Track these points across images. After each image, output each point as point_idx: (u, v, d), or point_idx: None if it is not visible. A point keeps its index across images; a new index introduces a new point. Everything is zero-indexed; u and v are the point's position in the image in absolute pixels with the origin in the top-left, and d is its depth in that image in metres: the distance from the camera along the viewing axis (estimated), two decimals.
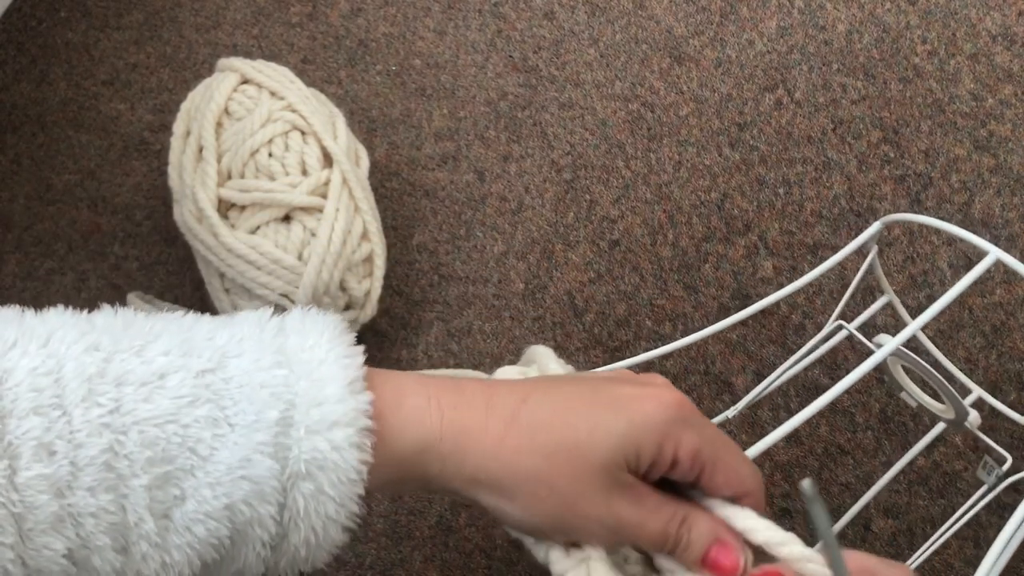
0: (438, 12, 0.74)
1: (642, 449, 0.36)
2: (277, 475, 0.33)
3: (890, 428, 0.60)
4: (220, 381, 0.33)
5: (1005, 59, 0.70)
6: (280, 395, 0.34)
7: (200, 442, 0.32)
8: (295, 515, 0.34)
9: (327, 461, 0.34)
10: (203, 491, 0.33)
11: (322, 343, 0.36)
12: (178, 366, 0.33)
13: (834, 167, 0.68)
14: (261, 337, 0.35)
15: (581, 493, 0.36)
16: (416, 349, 0.63)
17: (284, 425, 0.33)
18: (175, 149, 0.60)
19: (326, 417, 0.34)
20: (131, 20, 0.74)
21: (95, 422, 0.31)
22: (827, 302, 0.64)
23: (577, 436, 0.36)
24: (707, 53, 0.72)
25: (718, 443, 0.37)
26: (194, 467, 0.32)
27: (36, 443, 0.31)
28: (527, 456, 0.36)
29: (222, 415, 0.33)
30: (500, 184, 0.68)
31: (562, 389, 0.38)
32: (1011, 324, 0.63)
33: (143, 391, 0.32)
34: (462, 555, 0.57)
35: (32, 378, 0.31)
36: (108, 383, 0.32)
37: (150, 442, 0.32)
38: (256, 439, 0.33)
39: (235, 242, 0.56)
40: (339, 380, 0.35)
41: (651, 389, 0.37)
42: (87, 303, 0.66)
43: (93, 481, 0.31)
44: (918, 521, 0.58)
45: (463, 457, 0.36)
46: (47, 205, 0.67)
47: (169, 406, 0.32)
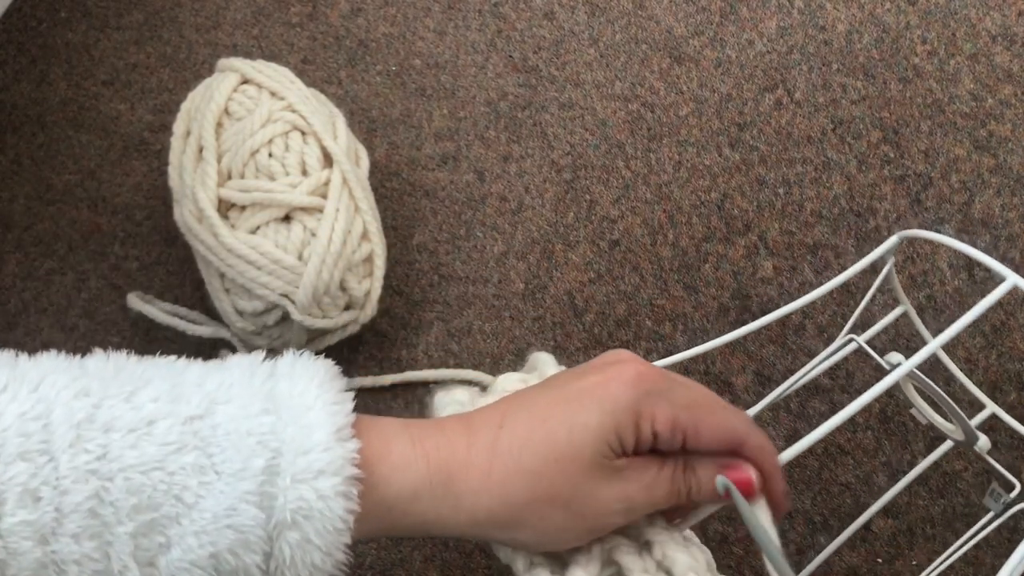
0: (438, 12, 0.74)
1: (622, 433, 0.36)
2: (263, 524, 0.33)
3: (890, 428, 0.60)
4: (208, 428, 0.33)
5: (1005, 59, 0.70)
6: (267, 443, 0.33)
7: (186, 489, 0.32)
8: (281, 564, 0.34)
9: (313, 510, 0.33)
10: (188, 539, 0.32)
11: (311, 388, 0.35)
12: (166, 412, 0.33)
13: (834, 167, 0.68)
14: (251, 382, 0.35)
15: (584, 495, 0.36)
16: (416, 349, 0.63)
17: (270, 474, 0.33)
18: (175, 149, 0.60)
19: (312, 466, 0.34)
20: (131, 20, 0.74)
21: (82, 468, 0.31)
22: (827, 302, 0.64)
23: (559, 446, 0.36)
24: (707, 53, 0.72)
25: (693, 406, 0.37)
26: (179, 515, 0.32)
27: (22, 489, 0.31)
28: (518, 481, 0.36)
29: (209, 462, 0.33)
30: (500, 184, 0.68)
31: (533, 401, 0.38)
32: (1011, 324, 0.63)
33: (130, 438, 0.32)
34: (462, 555, 0.57)
35: (21, 423, 0.31)
36: (96, 429, 0.32)
37: (136, 489, 0.32)
38: (242, 488, 0.33)
39: (235, 242, 0.56)
40: (326, 427, 0.34)
41: (612, 370, 0.37)
42: (87, 303, 0.66)
43: (77, 528, 0.31)
44: (918, 521, 0.58)
45: (456, 501, 0.36)
46: (47, 205, 0.67)
47: (156, 453, 0.32)
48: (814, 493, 0.59)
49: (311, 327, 0.58)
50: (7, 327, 0.64)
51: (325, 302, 0.58)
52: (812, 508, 0.58)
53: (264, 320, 0.59)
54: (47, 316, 0.64)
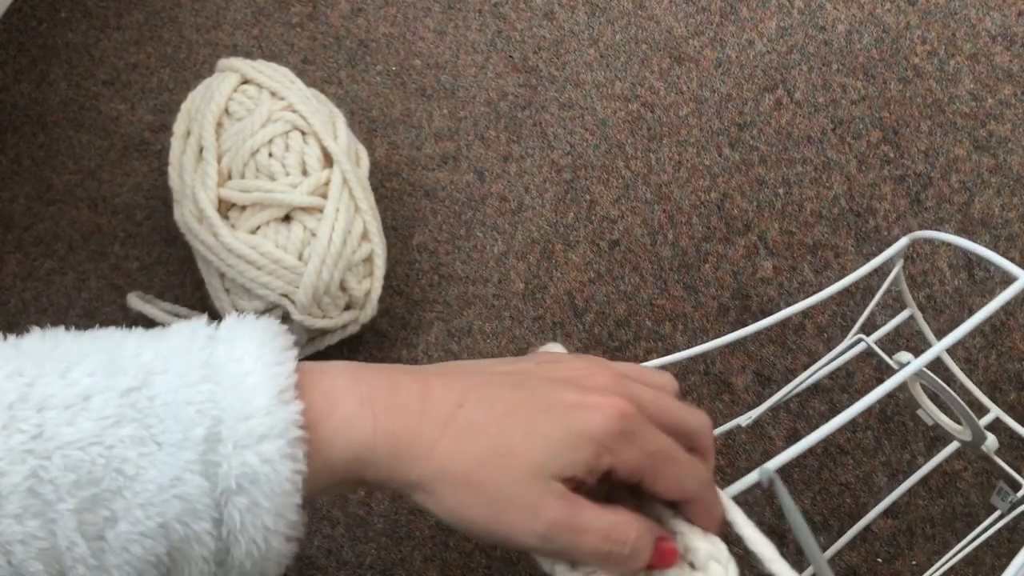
0: (438, 12, 0.74)
1: (577, 460, 0.35)
2: (208, 492, 0.33)
3: (890, 428, 0.60)
4: (145, 400, 0.33)
5: (1005, 59, 0.70)
6: (206, 411, 0.33)
7: (126, 462, 0.32)
8: (233, 529, 0.34)
9: (258, 475, 0.33)
10: (135, 511, 0.32)
11: (251, 350, 0.35)
12: (103, 386, 0.33)
13: (834, 167, 0.68)
14: (189, 349, 0.35)
15: (509, 500, 0.35)
16: (416, 349, 0.63)
17: (212, 442, 0.33)
18: (175, 149, 0.60)
19: (254, 431, 0.33)
20: (131, 20, 0.74)
21: (17, 449, 0.31)
22: (827, 302, 0.64)
23: (512, 442, 0.35)
24: (707, 53, 0.72)
25: (659, 456, 0.36)
26: (122, 488, 0.32)
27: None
28: (458, 460, 0.35)
29: (148, 434, 0.33)
30: (500, 184, 0.68)
31: (502, 392, 0.37)
32: (1011, 324, 0.63)
33: (66, 414, 0.32)
34: (462, 555, 0.57)
35: None
36: (30, 408, 0.32)
37: (74, 465, 0.31)
38: (184, 458, 0.33)
39: (235, 242, 0.56)
40: (267, 391, 0.34)
41: (594, 398, 0.36)
42: (87, 303, 0.66)
43: (18, 508, 0.31)
44: (918, 521, 0.58)
45: (395, 463, 0.36)
46: (47, 205, 0.67)
47: (93, 428, 0.32)
48: (814, 493, 0.59)
49: (311, 327, 0.58)
50: (7, 327, 0.64)
51: (325, 302, 0.58)
52: (812, 508, 0.58)
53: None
54: (47, 316, 0.64)
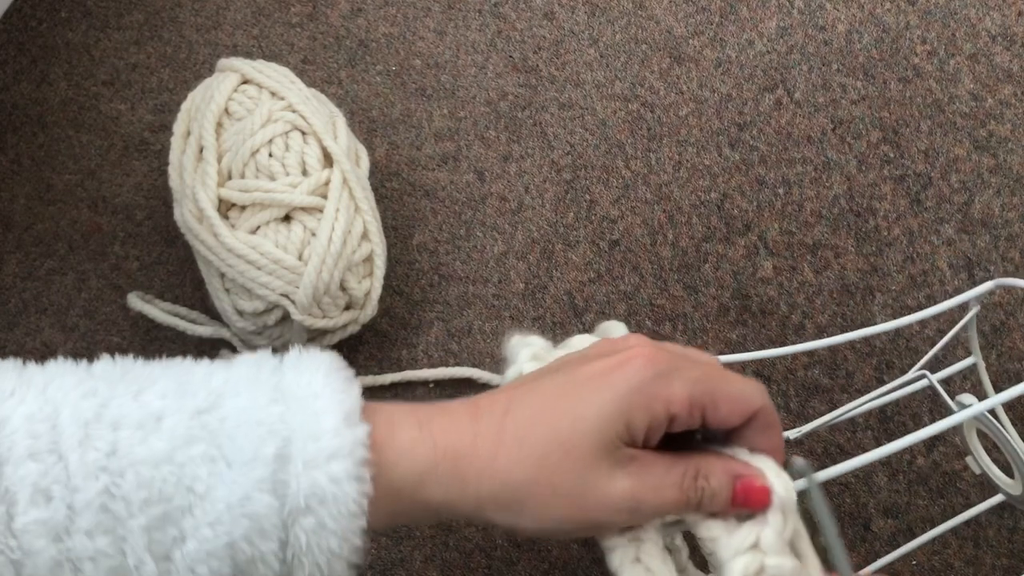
0: (438, 12, 0.74)
1: (632, 419, 0.35)
2: (277, 511, 0.33)
3: (890, 428, 0.60)
4: (216, 420, 0.33)
5: (1005, 59, 0.70)
6: (276, 431, 0.34)
7: (197, 480, 0.32)
8: (298, 551, 0.34)
9: (326, 495, 0.33)
10: (203, 530, 0.32)
11: (318, 378, 0.35)
12: (174, 408, 0.33)
13: (834, 167, 0.68)
14: (258, 376, 0.35)
15: (585, 487, 0.35)
16: (416, 349, 0.63)
17: (282, 461, 0.33)
18: (175, 149, 0.60)
19: (323, 451, 0.34)
20: (131, 20, 0.74)
21: (91, 465, 0.31)
22: (827, 302, 0.64)
23: (562, 434, 0.35)
24: (707, 53, 0.72)
25: (707, 380, 0.36)
26: (192, 505, 0.32)
27: (33, 488, 0.31)
28: (520, 467, 0.35)
29: (219, 453, 0.33)
30: (500, 184, 0.68)
31: (541, 387, 0.37)
32: (1011, 324, 0.63)
33: (139, 434, 0.32)
34: (462, 555, 0.57)
35: (29, 424, 0.32)
36: (104, 427, 0.32)
37: (146, 483, 0.32)
38: (254, 476, 0.33)
39: (235, 242, 0.56)
40: (335, 413, 0.34)
41: (620, 356, 0.36)
42: (87, 303, 0.66)
43: (90, 524, 0.31)
44: (918, 521, 0.58)
45: (462, 484, 0.36)
46: (47, 205, 0.67)
47: (164, 447, 0.32)
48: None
49: (311, 327, 0.58)
50: (7, 327, 0.64)
51: (325, 302, 0.58)
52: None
53: (264, 320, 0.59)
54: (47, 316, 0.64)
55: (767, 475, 0.36)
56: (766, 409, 0.37)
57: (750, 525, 0.35)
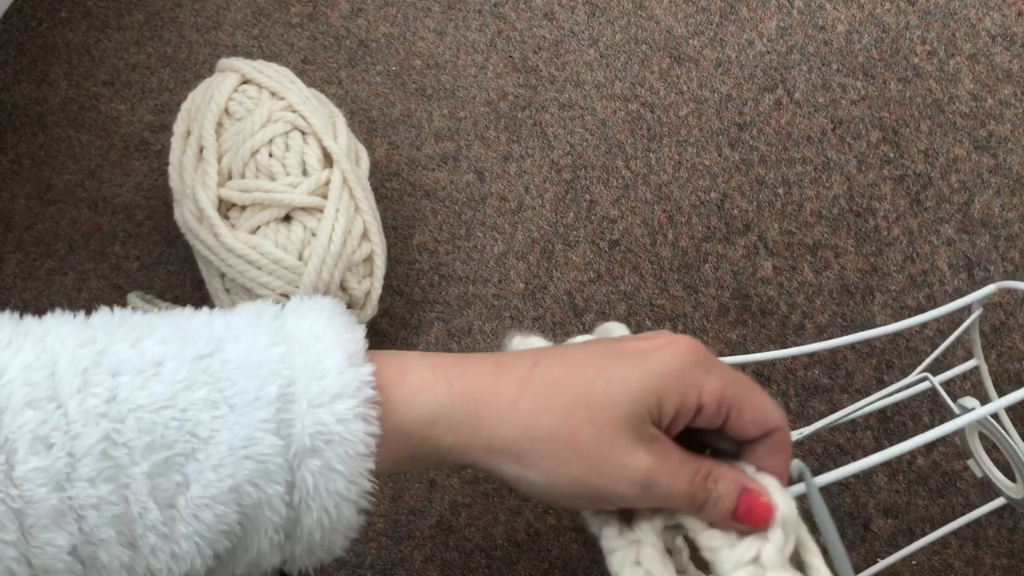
0: (438, 12, 0.74)
1: (664, 398, 0.35)
2: (282, 452, 0.33)
3: (890, 428, 0.60)
4: (217, 364, 0.33)
5: (1005, 59, 0.70)
6: (278, 372, 0.33)
7: (199, 424, 0.32)
8: (305, 495, 0.33)
9: (333, 435, 0.33)
10: (207, 474, 0.32)
11: (320, 321, 0.35)
12: (174, 353, 0.33)
13: (833, 167, 0.68)
14: (258, 321, 0.35)
15: (606, 451, 0.34)
16: (416, 349, 0.63)
17: (285, 401, 0.33)
18: (175, 149, 0.60)
19: (327, 389, 0.33)
20: (131, 20, 0.74)
21: (91, 412, 0.31)
22: (827, 302, 0.64)
23: (595, 391, 0.34)
24: (707, 53, 0.72)
25: (739, 384, 0.36)
26: (195, 450, 0.32)
27: (32, 436, 0.30)
28: (544, 416, 0.34)
29: (220, 396, 0.32)
30: (500, 184, 0.68)
31: (572, 351, 0.37)
32: (1011, 324, 0.63)
33: (139, 379, 0.32)
34: (462, 555, 0.57)
35: (26, 373, 0.31)
36: (103, 373, 0.32)
37: (147, 428, 0.31)
38: (257, 416, 0.32)
39: (235, 242, 0.56)
40: (338, 353, 0.34)
41: (662, 339, 0.36)
42: (87, 303, 0.66)
43: (92, 471, 0.31)
44: (918, 521, 0.58)
45: (476, 424, 0.35)
46: (47, 205, 0.67)
47: (165, 391, 0.32)
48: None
49: None
50: None
51: None
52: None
53: None
54: None
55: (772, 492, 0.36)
56: (783, 431, 0.37)
57: (751, 539, 0.35)
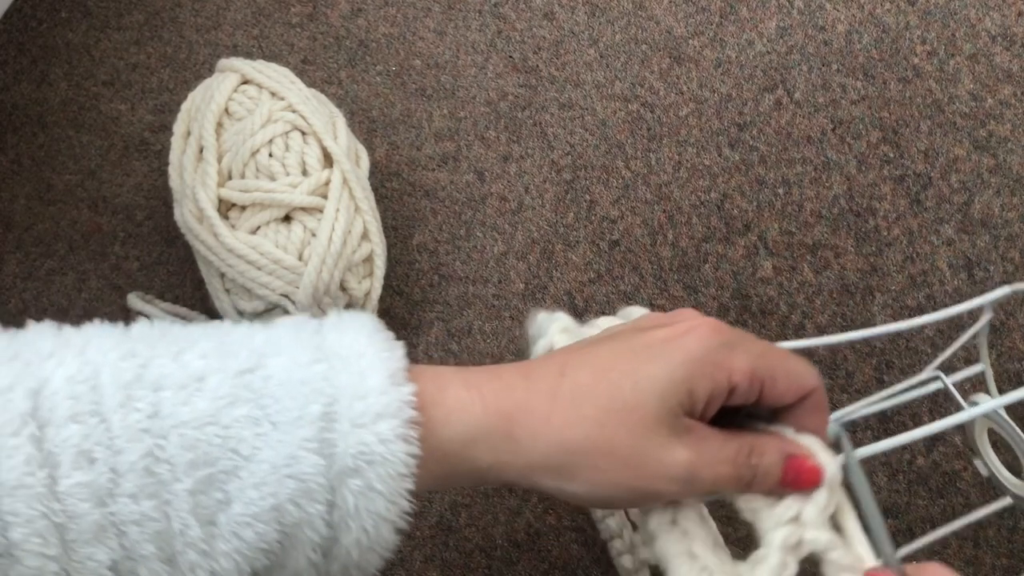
0: (438, 12, 0.74)
1: (695, 387, 0.34)
2: (324, 472, 0.32)
3: (890, 428, 0.60)
4: (259, 380, 0.33)
5: (1005, 59, 0.70)
6: (321, 390, 0.33)
7: (242, 442, 0.32)
8: (345, 514, 0.33)
9: (375, 455, 0.33)
10: (248, 492, 0.32)
11: (360, 338, 0.35)
12: (216, 368, 0.32)
13: (833, 167, 0.68)
14: (299, 336, 0.35)
15: (644, 453, 0.34)
16: (416, 349, 0.63)
17: (328, 420, 0.33)
18: (175, 149, 0.60)
19: (370, 409, 0.33)
20: (131, 21, 0.74)
21: (134, 427, 0.31)
22: (827, 302, 0.64)
23: (623, 395, 0.34)
24: (707, 53, 0.72)
25: (768, 354, 0.35)
26: (237, 468, 0.32)
27: (76, 450, 0.30)
28: (577, 428, 0.34)
29: (263, 414, 0.32)
30: (500, 184, 0.68)
31: (597, 352, 0.36)
32: (1011, 324, 0.63)
33: (181, 394, 0.32)
34: (462, 555, 0.57)
35: (69, 386, 0.31)
36: (145, 388, 0.32)
37: (190, 445, 0.31)
38: (300, 435, 0.32)
39: (235, 242, 0.56)
40: (380, 372, 0.34)
41: (682, 326, 0.36)
42: (88, 303, 0.66)
43: (134, 487, 0.30)
44: (918, 521, 0.58)
45: (514, 444, 0.35)
46: (47, 205, 0.67)
47: (208, 408, 0.32)
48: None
49: None
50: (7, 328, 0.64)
51: (325, 302, 0.58)
52: None
53: (264, 320, 0.59)
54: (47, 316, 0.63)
55: (817, 454, 0.36)
56: (820, 390, 0.37)
57: (792, 498, 0.35)
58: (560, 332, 0.42)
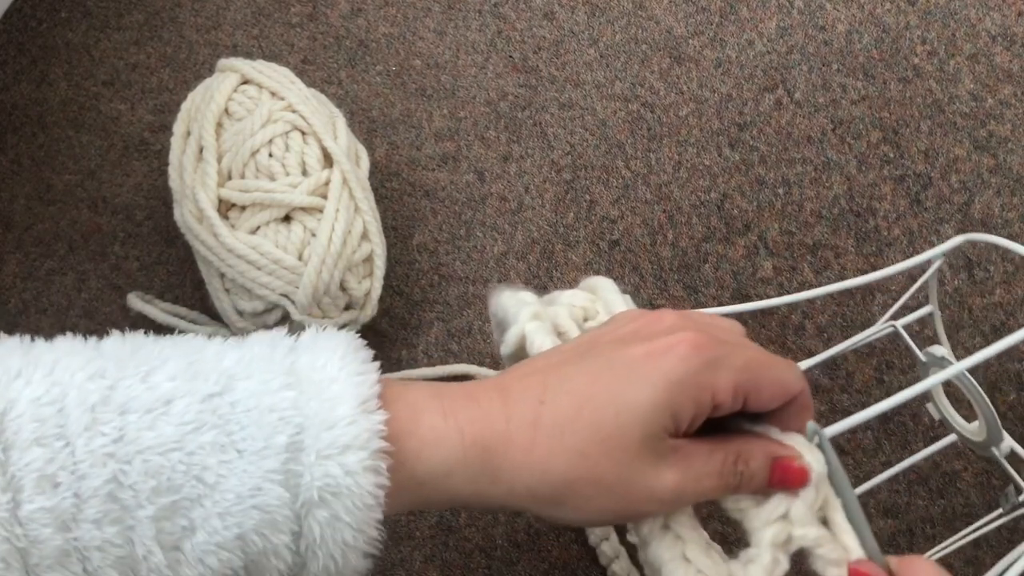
0: (438, 12, 0.74)
1: (678, 411, 0.34)
2: (289, 504, 0.32)
3: (890, 428, 0.60)
4: (227, 405, 0.32)
5: (1005, 59, 0.70)
6: (289, 419, 0.32)
7: (207, 470, 0.31)
8: (311, 543, 0.33)
9: (340, 487, 0.32)
10: (212, 521, 0.31)
11: (334, 360, 0.34)
12: (184, 391, 0.32)
13: (834, 167, 0.68)
14: (272, 357, 0.34)
15: (630, 480, 0.34)
16: (416, 349, 0.63)
17: (294, 450, 0.32)
18: (175, 149, 0.60)
19: (337, 440, 0.32)
20: (131, 20, 0.74)
21: (98, 452, 0.31)
22: (827, 302, 0.64)
23: (606, 425, 0.34)
24: (707, 53, 0.72)
25: (752, 366, 0.35)
26: (201, 496, 0.31)
27: (39, 475, 0.30)
28: (560, 459, 0.34)
29: (228, 440, 0.32)
30: (500, 184, 0.68)
31: (577, 372, 0.36)
32: (1011, 324, 0.63)
33: (147, 419, 0.31)
34: (462, 555, 0.57)
35: (35, 408, 0.31)
36: (112, 411, 0.31)
37: (155, 471, 0.31)
38: (265, 466, 0.32)
39: (235, 242, 0.56)
40: (351, 400, 0.33)
41: (662, 342, 0.35)
42: (87, 303, 0.66)
43: (97, 513, 0.30)
44: (918, 521, 0.58)
45: (494, 476, 0.34)
46: (47, 205, 0.67)
47: (173, 433, 0.31)
48: None
49: None
50: (7, 327, 0.64)
51: (325, 302, 0.58)
52: None
53: (264, 320, 0.59)
54: (47, 316, 0.64)
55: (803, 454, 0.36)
56: (804, 393, 0.37)
57: (780, 496, 0.35)
58: (531, 320, 0.41)
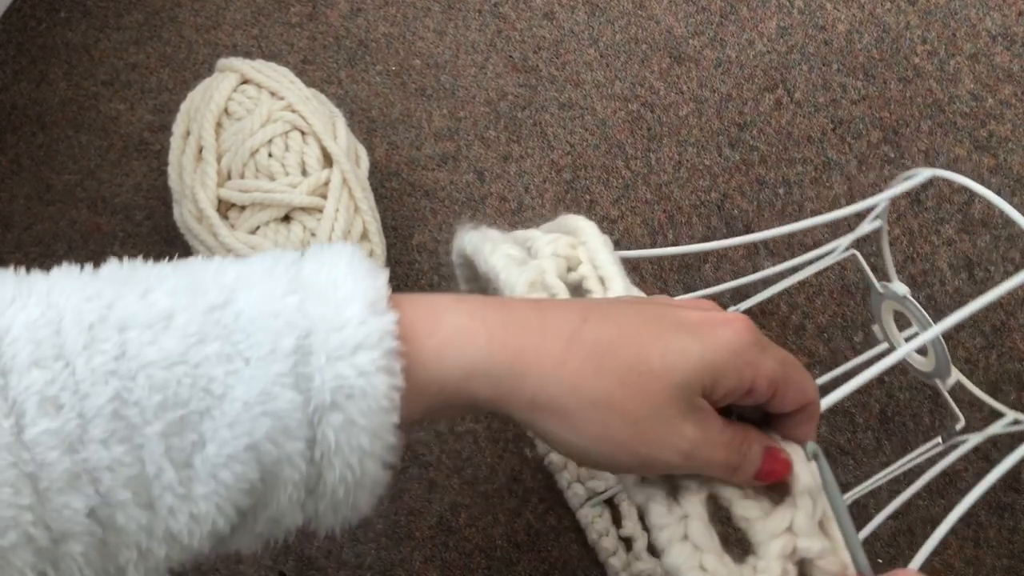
0: (438, 12, 0.74)
1: (721, 376, 0.34)
2: (301, 407, 0.31)
3: (890, 428, 0.60)
4: (230, 315, 0.31)
5: (1005, 59, 0.70)
6: (295, 322, 0.31)
7: (213, 381, 0.30)
8: (327, 451, 0.32)
9: (354, 389, 0.31)
10: (222, 432, 0.30)
11: (339, 266, 0.33)
12: (184, 305, 0.31)
13: (834, 167, 0.68)
14: (274, 269, 0.33)
15: (655, 420, 0.33)
16: None
17: (303, 353, 0.31)
18: (175, 149, 0.60)
19: (348, 341, 0.31)
20: (131, 20, 0.74)
21: (99, 370, 0.29)
22: (827, 302, 0.64)
23: (650, 358, 0.33)
24: (707, 53, 0.72)
25: (787, 364, 0.36)
26: (210, 408, 0.30)
27: (40, 397, 0.29)
28: (594, 379, 0.33)
29: (234, 350, 0.31)
30: (500, 184, 0.68)
31: (624, 311, 0.35)
32: (1011, 324, 0.63)
33: (148, 334, 0.30)
34: (462, 555, 0.57)
35: (30, 331, 0.30)
36: (110, 329, 0.30)
37: (159, 386, 0.30)
38: (273, 371, 0.31)
39: (235, 242, 0.56)
40: (359, 301, 0.32)
41: (718, 314, 0.35)
42: None
43: (104, 432, 0.29)
44: (918, 521, 0.58)
45: (520, 381, 0.33)
46: (47, 205, 0.67)
47: (176, 346, 0.30)
48: None
49: None
50: None
51: None
52: None
53: None
54: None
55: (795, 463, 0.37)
56: (816, 404, 0.37)
57: (783, 510, 0.36)
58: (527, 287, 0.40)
